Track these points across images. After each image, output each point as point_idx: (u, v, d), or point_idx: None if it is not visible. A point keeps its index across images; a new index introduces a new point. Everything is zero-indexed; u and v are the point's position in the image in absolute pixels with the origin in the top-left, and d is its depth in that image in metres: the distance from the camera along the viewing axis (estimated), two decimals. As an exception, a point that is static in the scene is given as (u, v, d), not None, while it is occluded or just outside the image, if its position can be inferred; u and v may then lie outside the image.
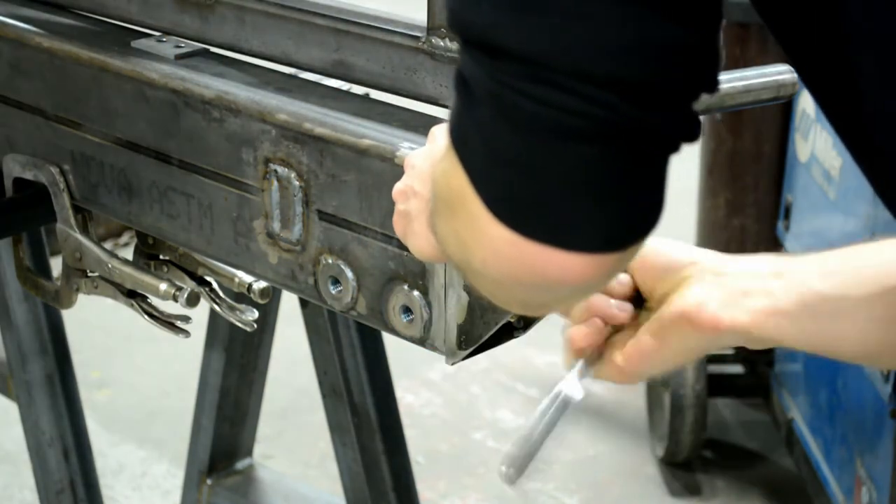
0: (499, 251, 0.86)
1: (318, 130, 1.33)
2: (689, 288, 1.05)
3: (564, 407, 1.05)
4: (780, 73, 1.36)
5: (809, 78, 0.99)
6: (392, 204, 1.22)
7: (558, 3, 0.80)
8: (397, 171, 1.25)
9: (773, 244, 3.27)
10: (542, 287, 0.89)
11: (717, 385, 3.40)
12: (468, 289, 1.24)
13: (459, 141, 0.86)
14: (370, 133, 1.30)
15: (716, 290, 1.05)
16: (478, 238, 0.87)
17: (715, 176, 3.36)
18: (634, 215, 0.86)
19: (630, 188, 0.84)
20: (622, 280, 1.10)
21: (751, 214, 3.35)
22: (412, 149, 1.24)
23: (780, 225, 3.28)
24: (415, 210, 1.13)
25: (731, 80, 1.35)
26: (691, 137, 0.87)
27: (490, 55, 0.81)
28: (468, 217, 0.87)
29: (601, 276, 0.88)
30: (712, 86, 0.87)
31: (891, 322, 1.02)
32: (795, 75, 1.36)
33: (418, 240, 1.13)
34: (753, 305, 1.03)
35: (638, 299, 1.11)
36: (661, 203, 0.87)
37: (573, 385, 1.06)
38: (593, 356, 1.08)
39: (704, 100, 0.89)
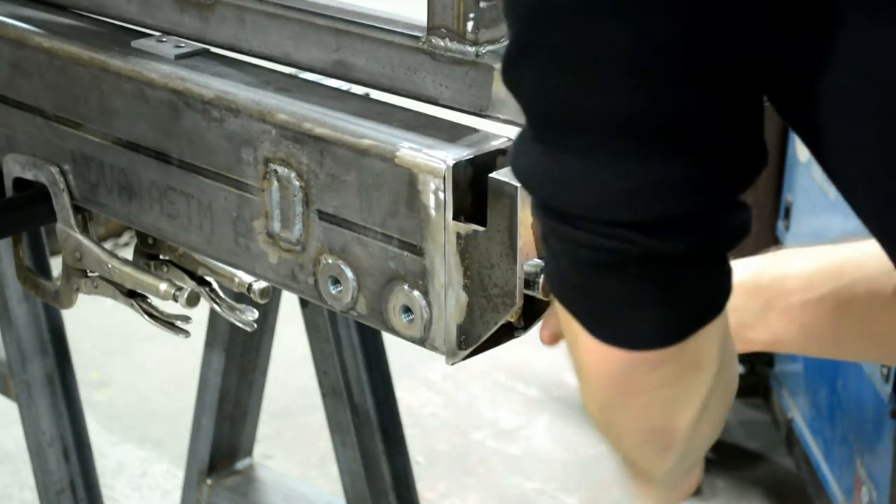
0: (590, 356, 1.02)
1: (318, 130, 1.33)
2: None
3: None
4: (780, 73, 1.35)
5: (815, 151, 1.00)
6: (392, 204, 1.22)
7: (568, 162, 0.92)
8: (397, 171, 1.25)
9: (773, 244, 3.27)
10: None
11: (717, 385, 3.39)
12: (467, 288, 1.23)
13: (546, 275, 1.09)
14: (370, 133, 1.30)
15: None
16: (579, 350, 1.02)
17: (715, 176, 3.35)
18: (674, 317, 0.98)
19: (665, 297, 0.96)
20: None
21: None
22: (412, 149, 1.24)
23: (780, 225, 3.28)
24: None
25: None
26: (729, 244, 0.96)
27: (535, 203, 0.98)
28: (573, 336, 1.02)
29: None
30: (740, 229, 0.96)
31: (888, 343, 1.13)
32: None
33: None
34: (755, 337, 1.28)
35: None
36: (709, 299, 0.98)
37: None
38: None
39: None
